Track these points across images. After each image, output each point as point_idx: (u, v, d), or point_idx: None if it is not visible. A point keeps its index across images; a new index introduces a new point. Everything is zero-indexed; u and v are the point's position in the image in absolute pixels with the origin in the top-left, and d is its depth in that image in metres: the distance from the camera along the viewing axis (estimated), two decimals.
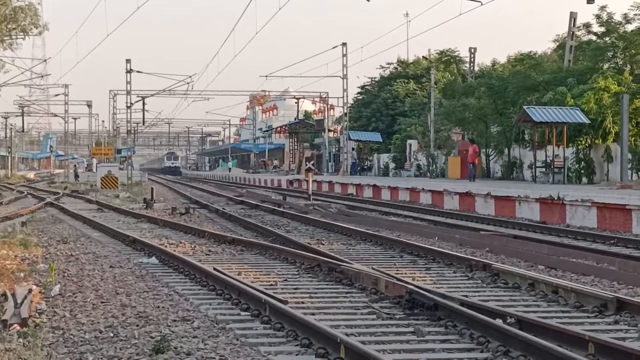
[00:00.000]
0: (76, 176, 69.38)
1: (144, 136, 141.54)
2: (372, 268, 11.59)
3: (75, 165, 78.10)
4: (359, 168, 61.30)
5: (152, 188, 34.54)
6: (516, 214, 24.73)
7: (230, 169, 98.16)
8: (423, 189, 32.98)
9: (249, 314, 8.97)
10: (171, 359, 7.02)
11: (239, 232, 19.55)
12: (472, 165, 40.34)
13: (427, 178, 48.29)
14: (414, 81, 70.70)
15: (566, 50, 45.92)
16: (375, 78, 77.49)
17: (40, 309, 9.11)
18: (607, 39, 42.99)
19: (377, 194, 38.13)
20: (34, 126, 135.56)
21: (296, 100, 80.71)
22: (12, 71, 64.25)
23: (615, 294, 9.53)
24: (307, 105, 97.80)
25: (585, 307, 9.26)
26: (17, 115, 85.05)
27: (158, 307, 9.44)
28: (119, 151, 77.18)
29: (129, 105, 61.59)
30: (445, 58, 64.99)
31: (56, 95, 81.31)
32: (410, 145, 58.02)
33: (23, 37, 53.90)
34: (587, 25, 46.00)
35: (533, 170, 37.10)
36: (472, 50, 57.85)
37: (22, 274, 11.86)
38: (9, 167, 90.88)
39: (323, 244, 16.62)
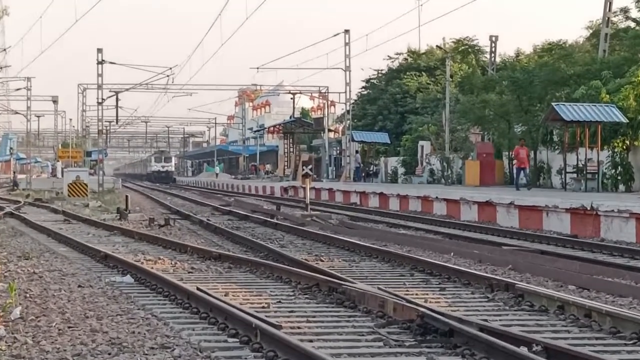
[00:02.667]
0: (14, 185, 66.21)
1: (118, 137, 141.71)
2: (379, 288, 11.61)
3: (14, 172, 76.20)
4: (363, 173, 61.34)
5: (126, 196, 34.56)
6: (543, 227, 24.75)
7: (216, 174, 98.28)
8: (437, 197, 33.03)
9: (238, 340, 8.98)
10: None
11: (226, 247, 19.56)
12: (523, 170, 38.03)
13: (442, 185, 48.36)
14: (427, 74, 70.87)
15: (601, 38, 46.02)
16: (382, 70, 77.74)
17: None
18: None
19: (384, 203, 38.17)
20: None
21: (292, 96, 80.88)
22: None
23: None
24: (305, 102, 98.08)
25: (622, 334, 9.28)
26: None
27: (133, 332, 9.45)
28: (88, 154, 77.30)
29: (100, 101, 61.60)
30: (462, 48, 65.13)
31: (17, 89, 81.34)
32: (422, 147, 58.07)
33: None
34: (624, 10, 46.13)
35: (563, 176, 37.15)
36: (493, 38, 57.96)
37: None
38: None
39: (322, 261, 16.64)
